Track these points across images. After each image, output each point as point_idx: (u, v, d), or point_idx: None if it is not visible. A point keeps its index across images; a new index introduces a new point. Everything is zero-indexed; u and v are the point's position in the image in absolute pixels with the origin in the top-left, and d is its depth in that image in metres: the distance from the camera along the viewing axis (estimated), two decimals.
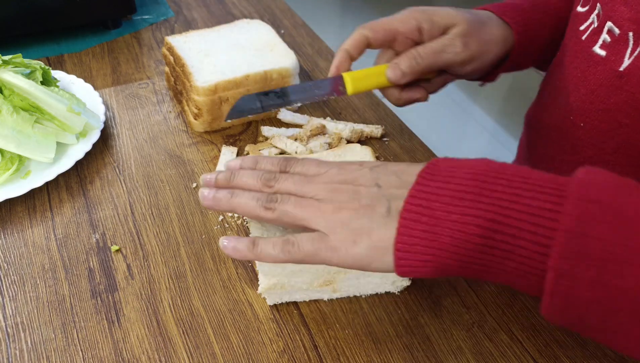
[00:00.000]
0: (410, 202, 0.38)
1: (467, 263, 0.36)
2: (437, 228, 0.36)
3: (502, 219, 0.34)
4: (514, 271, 0.35)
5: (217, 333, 0.48)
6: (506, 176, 0.36)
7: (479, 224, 0.35)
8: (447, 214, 0.36)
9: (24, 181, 0.59)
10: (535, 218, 0.34)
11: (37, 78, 0.64)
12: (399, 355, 0.46)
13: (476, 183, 0.36)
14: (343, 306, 0.50)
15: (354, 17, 2.85)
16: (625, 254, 0.32)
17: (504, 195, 0.35)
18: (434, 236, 0.36)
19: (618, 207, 0.33)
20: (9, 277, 0.52)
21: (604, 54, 0.50)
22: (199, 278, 0.52)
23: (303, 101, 0.55)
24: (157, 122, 0.71)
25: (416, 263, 0.38)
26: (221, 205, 0.44)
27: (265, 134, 0.68)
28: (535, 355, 0.47)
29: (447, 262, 0.37)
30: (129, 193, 0.61)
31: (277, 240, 0.42)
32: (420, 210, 0.37)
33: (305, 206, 0.41)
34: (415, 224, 0.37)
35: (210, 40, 0.72)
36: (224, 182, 0.46)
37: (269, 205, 0.42)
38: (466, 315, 0.49)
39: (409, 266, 0.38)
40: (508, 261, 0.35)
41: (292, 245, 0.41)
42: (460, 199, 0.36)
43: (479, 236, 0.35)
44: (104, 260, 0.53)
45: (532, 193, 0.34)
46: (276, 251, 0.41)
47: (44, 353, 0.46)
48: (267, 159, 0.47)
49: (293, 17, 0.95)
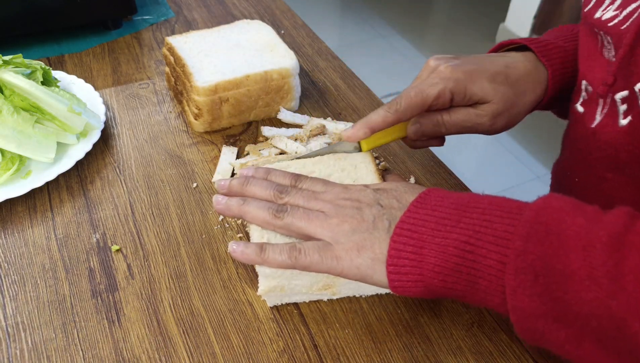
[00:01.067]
0: (401, 227, 0.42)
1: (449, 283, 0.40)
2: (424, 250, 0.40)
3: (474, 242, 0.39)
4: (486, 289, 0.39)
5: (217, 332, 0.48)
6: (483, 205, 0.40)
7: (456, 246, 0.39)
8: (432, 238, 0.40)
9: (24, 181, 0.59)
10: (498, 240, 0.38)
11: (38, 78, 0.64)
12: (399, 355, 0.46)
13: (457, 212, 0.41)
14: (343, 306, 0.50)
15: (354, 17, 2.85)
16: (565, 269, 0.35)
17: (478, 221, 0.39)
18: (421, 257, 0.41)
19: (562, 228, 0.36)
20: (9, 277, 0.52)
21: (582, 111, 0.52)
22: (199, 278, 0.52)
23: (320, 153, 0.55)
24: (158, 122, 0.71)
25: (407, 284, 0.41)
26: (232, 211, 0.48)
27: (265, 134, 0.68)
28: (535, 355, 0.47)
29: (433, 283, 0.41)
30: (129, 193, 0.61)
31: (284, 246, 0.44)
32: (409, 234, 0.41)
33: (312, 218, 0.45)
34: (404, 247, 0.41)
35: (211, 40, 0.72)
36: (237, 188, 0.49)
37: (278, 214, 0.45)
38: (466, 315, 0.49)
39: (401, 287, 0.42)
40: (480, 279, 0.39)
41: (299, 252, 0.43)
42: (444, 225, 0.40)
43: (455, 256, 0.39)
44: (105, 260, 0.53)
45: (499, 219, 0.39)
46: (283, 257, 0.44)
47: (45, 353, 0.46)
48: (279, 173, 0.50)
49: (293, 18, 0.95)
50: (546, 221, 0.37)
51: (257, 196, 0.48)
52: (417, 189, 0.45)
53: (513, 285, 0.37)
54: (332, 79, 0.80)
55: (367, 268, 0.42)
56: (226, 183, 0.50)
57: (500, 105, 0.53)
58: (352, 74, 0.81)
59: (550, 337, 0.37)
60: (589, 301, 0.34)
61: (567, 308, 0.35)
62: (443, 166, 0.66)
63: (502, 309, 0.39)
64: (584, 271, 0.34)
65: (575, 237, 0.35)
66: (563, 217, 0.36)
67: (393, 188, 0.46)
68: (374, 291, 0.51)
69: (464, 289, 0.40)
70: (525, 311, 0.37)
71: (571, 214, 0.37)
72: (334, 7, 2.96)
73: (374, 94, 0.77)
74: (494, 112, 0.53)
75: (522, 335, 0.39)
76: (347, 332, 0.48)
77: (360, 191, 0.46)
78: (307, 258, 0.43)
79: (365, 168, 0.53)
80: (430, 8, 3.04)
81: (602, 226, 0.35)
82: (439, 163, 0.66)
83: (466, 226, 0.39)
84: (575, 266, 0.34)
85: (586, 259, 0.34)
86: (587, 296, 0.34)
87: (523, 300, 0.36)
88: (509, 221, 0.38)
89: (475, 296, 0.40)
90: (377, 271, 0.42)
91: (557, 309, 0.35)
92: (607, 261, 0.34)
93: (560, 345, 0.37)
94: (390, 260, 0.41)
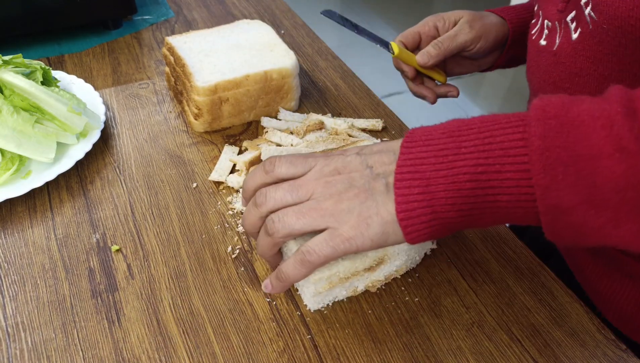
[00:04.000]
0: (400, 171, 0.41)
1: (466, 211, 0.40)
2: (431, 187, 0.39)
3: (483, 161, 0.38)
4: (508, 204, 0.38)
5: (217, 332, 0.48)
6: (476, 126, 0.40)
7: (466, 172, 0.39)
8: (436, 172, 0.39)
9: (24, 181, 0.59)
10: (510, 150, 0.37)
11: (38, 78, 0.64)
12: (399, 355, 0.46)
13: (452, 139, 0.40)
14: (343, 306, 0.50)
15: (353, 17, 2.85)
16: (591, 151, 0.35)
17: (478, 141, 0.39)
18: (430, 196, 0.39)
19: (573, 116, 0.36)
20: (9, 277, 0.52)
21: (545, 43, 0.60)
22: (199, 278, 0.52)
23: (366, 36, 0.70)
24: (158, 122, 0.71)
25: (421, 226, 0.40)
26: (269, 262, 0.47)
27: (264, 125, 0.68)
28: (535, 355, 0.47)
29: (447, 216, 0.40)
30: (129, 193, 0.61)
31: (294, 258, 0.42)
32: (410, 176, 0.40)
33: (305, 212, 0.42)
34: (410, 191, 0.40)
35: (211, 40, 0.72)
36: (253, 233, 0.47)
37: (271, 231, 0.43)
38: (466, 315, 0.49)
39: (416, 231, 0.41)
40: (500, 196, 0.38)
41: (310, 255, 0.42)
42: (444, 156, 0.39)
43: (468, 181, 0.39)
44: (104, 260, 0.53)
45: (501, 131, 0.38)
46: (298, 269, 0.42)
47: (45, 353, 0.46)
48: (252, 175, 0.47)
49: (293, 17, 0.95)
50: (556, 114, 0.36)
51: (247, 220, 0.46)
52: (397, 140, 0.44)
53: (544, 184, 0.36)
54: (332, 79, 0.80)
55: (381, 235, 0.41)
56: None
57: (471, 15, 0.71)
58: (352, 74, 0.81)
59: (586, 227, 0.37)
60: (622, 172, 0.34)
61: (602, 189, 0.35)
62: None
63: (527, 218, 0.39)
64: (611, 146, 0.34)
65: (590, 119, 0.35)
66: (568, 107, 0.37)
67: (374, 145, 0.45)
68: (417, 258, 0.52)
69: (481, 213, 0.40)
70: (559, 207, 0.36)
71: (574, 103, 0.37)
72: (334, 7, 2.96)
73: (374, 94, 0.77)
74: (467, 19, 0.70)
75: (554, 236, 0.38)
76: (347, 332, 0.48)
77: (344, 158, 0.44)
78: (320, 256, 0.41)
79: None
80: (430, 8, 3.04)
81: (608, 103, 0.36)
82: None
83: (468, 150, 0.39)
84: (601, 143, 0.34)
85: (610, 134, 0.34)
86: (619, 169, 0.34)
87: (557, 196, 0.36)
88: (512, 130, 0.38)
89: (496, 216, 0.40)
90: (390, 233, 0.41)
91: (593, 194, 0.35)
92: (633, 127, 0.34)
93: (597, 231, 0.37)
94: (399, 207, 0.40)
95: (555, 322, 0.49)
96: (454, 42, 0.69)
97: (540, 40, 0.62)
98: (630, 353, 0.47)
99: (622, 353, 0.47)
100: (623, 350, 0.47)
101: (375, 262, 0.49)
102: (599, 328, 0.49)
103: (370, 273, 0.49)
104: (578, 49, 0.55)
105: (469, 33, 0.70)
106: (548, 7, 0.60)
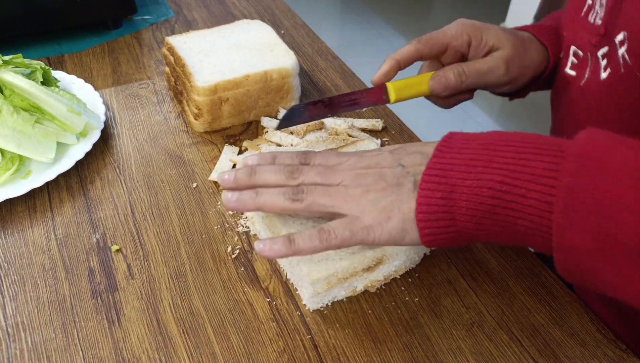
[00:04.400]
0: (428, 173, 0.40)
1: (484, 225, 0.39)
2: (454, 194, 0.39)
3: (510, 181, 0.37)
4: (526, 230, 0.38)
5: (217, 332, 0.48)
6: (515, 143, 0.39)
7: (491, 187, 0.38)
8: (462, 181, 0.39)
9: (24, 181, 0.59)
10: (539, 178, 0.36)
11: (38, 78, 0.64)
12: (399, 355, 0.46)
13: (488, 152, 0.39)
14: (343, 306, 0.50)
15: (354, 17, 2.85)
16: (621, 203, 0.34)
17: (513, 160, 0.38)
18: (451, 202, 0.39)
19: (614, 161, 0.35)
20: (9, 277, 0.52)
21: (574, 74, 0.55)
22: (199, 278, 0.52)
23: (348, 111, 0.55)
24: (158, 122, 0.71)
25: (438, 231, 0.40)
26: (247, 205, 0.45)
27: (264, 125, 0.68)
28: (535, 355, 0.47)
29: (465, 227, 0.40)
30: (129, 193, 0.61)
31: (312, 232, 0.43)
32: (437, 180, 0.40)
33: (333, 193, 0.43)
34: (433, 194, 0.40)
35: (211, 40, 0.72)
36: (244, 180, 0.46)
37: (296, 197, 0.43)
38: (466, 315, 0.49)
39: (432, 234, 0.41)
40: (520, 220, 0.38)
41: (329, 233, 0.42)
42: (474, 166, 0.39)
43: (491, 197, 0.38)
44: (104, 260, 0.53)
45: (537, 156, 0.37)
46: (314, 242, 0.42)
47: (44, 353, 0.46)
48: (286, 154, 0.48)
49: (293, 17, 0.95)
50: (595, 156, 0.35)
51: (269, 183, 0.45)
52: (433, 142, 0.44)
53: (563, 224, 0.35)
54: (332, 79, 0.80)
55: (399, 231, 0.41)
56: (231, 176, 0.46)
57: (512, 51, 0.56)
58: (352, 74, 0.81)
59: (597, 274, 0.36)
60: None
61: (619, 243, 0.34)
62: None
63: (543, 248, 0.38)
64: (638, 204, 0.33)
65: (625, 169, 0.34)
66: (610, 150, 0.35)
67: (409, 145, 0.45)
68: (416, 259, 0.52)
69: (499, 231, 0.39)
70: (574, 249, 0.35)
71: (618, 146, 0.35)
72: (334, 7, 2.96)
73: None
74: (506, 57, 0.56)
75: (566, 273, 0.38)
76: (347, 332, 0.48)
77: (378, 155, 0.45)
78: (338, 237, 0.42)
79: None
80: (430, 8, 3.04)
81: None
82: None
83: (500, 165, 0.38)
84: (631, 198, 0.33)
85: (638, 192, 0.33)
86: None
87: (573, 238, 0.35)
88: (549, 158, 0.36)
89: (513, 237, 0.39)
90: (408, 230, 0.41)
91: (609, 245, 0.34)
92: None
93: (608, 282, 0.36)
94: (420, 208, 0.40)
95: (555, 322, 0.49)
96: (480, 79, 0.56)
97: (566, 69, 0.56)
98: (630, 353, 0.47)
99: (622, 353, 0.47)
100: (623, 350, 0.47)
101: (373, 262, 0.49)
102: (599, 328, 0.49)
103: (369, 273, 0.49)
104: (605, 93, 0.50)
105: (503, 76, 0.56)
106: (580, 34, 0.54)
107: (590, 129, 0.37)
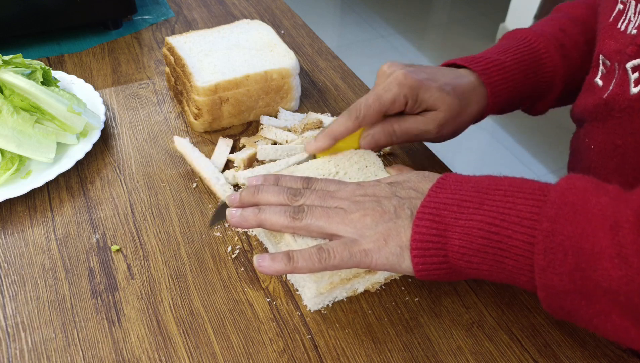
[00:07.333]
0: (422, 211, 0.43)
1: (475, 263, 0.41)
2: (448, 232, 0.41)
3: (499, 223, 0.40)
4: (513, 269, 0.40)
5: (217, 332, 0.48)
6: (503, 187, 0.41)
7: (481, 228, 0.40)
8: (455, 221, 0.41)
9: (24, 181, 0.59)
10: (523, 221, 0.39)
11: (38, 78, 0.64)
12: (399, 355, 0.46)
13: (478, 194, 0.42)
14: (343, 306, 0.50)
15: (354, 17, 2.85)
16: (593, 248, 0.35)
17: (501, 203, 0.40)
18: (444, 240, 0.41)
19: (589, 207, 0.37)
20: (9, 277, 0.52)
21: (601, 84, 0.54)
22: (199, 278, 0.52)
23: None
24: (158, 122, 0.71)
25: (432, 267, 0.42)
26: (249, 221, 0.47)
27: (263, 123, 0.68)
28: (535, 355, 0.47)
29: (458, 264, 0.42)
30: (129, 193, 0.61)
31: (312, 250, 0.44)
32: (431, 217, 0.42)
33: (332, 215, 0.45)
34: (428, 230, 0.42)
35: (211, 40, 0.72)
36: (248, 198, 0.49)
37: (296, 216, 0.45)
38: (466, 315, 0.49)
39: (426, 270, 0.43)
40: (507, 259, 0.40)
41: (327, 253, 0.43)
42: (466, 207, 0.41)
43: (480, 237, 0.40)
44: (104, 260, 0.53)
45: (523, 200, 0.40)
46: (313, 261, 0.44)
47: (44, 353, 0.46)
48: (289, 178, 0.50)
49: (293, 17, 0.95)
50: (572, 202, 0.37)
51: (271, 203, 0.48)
52: (432, 176, 0.46)
53: (542, 265, 0.37)
54: (332, 79, 0.80)
55: (396, 257, 0.43)
56: (236, 196, 0.49)
57: (447, 114, 0.56)
58: (352, 74, 0.81)
59: (578, 312, 0.38)
60: (617, 278, 0.34)
61: (595, 285, 0.36)
62: (443, 166, 0.66)
63: (529, 287, 0.40)
64: (613, 250, 0.35)
65: (601, 216, 0.36)
66: (588, 197, 0.37)
67: (406, 179, 0.47)
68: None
69: (489, 269, 0.41)
70: (554, 289, 0.38)
71: (595, 194, 0.37)
72: (334, 7, 2.96)
73: None
74: (440, 120, 0.56)
75: (550, 310, 0.40)
76: (347, 332, 0.48)
77: (375, 186, 0.47)
78: (336, 258, 0.43)
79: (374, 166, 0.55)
80: (430, 8, 3.04)
81: (626, 204, 0.36)
82: (439, 163, 0.66)
83: (489, 208, 0.40)
84: (604, 244, 0.35)
85: (614, 238, 0.35)
86: (616, 274, 0.34)
87: (552, 279, 0.37)
88: (533, 202, 0.39)
89: (501, 275, 0.41)
90: (405, 258, 0.43)
91: (586, 286, 0.36)
92: (636, 240, 0.34)
93: (588, 320, 0.38)
94: (414, 244, 0.42)
95: (555, 322, 0.49)
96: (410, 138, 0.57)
97: (596, 78, 0.54)
98: (630, 353, 0.47)
99: (622, 353, 0.47)
100: (623, 350, 0.47)
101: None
102: None
103: (371, 275, 0.50)
104: (636, 108, 0.48)
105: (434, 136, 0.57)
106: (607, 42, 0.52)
107: (571, 176, 0.39)
